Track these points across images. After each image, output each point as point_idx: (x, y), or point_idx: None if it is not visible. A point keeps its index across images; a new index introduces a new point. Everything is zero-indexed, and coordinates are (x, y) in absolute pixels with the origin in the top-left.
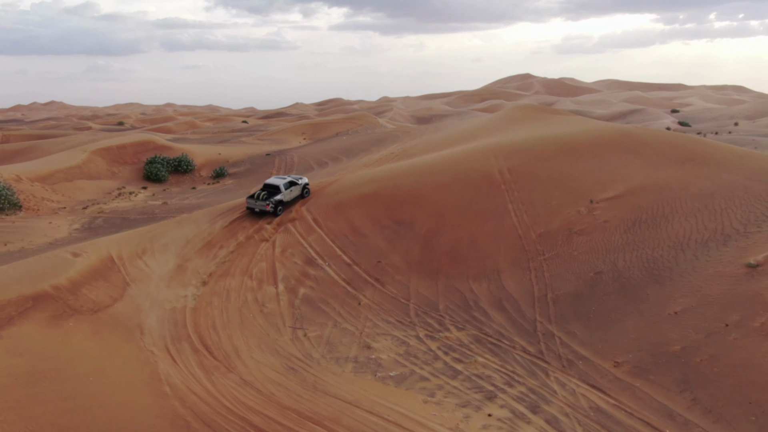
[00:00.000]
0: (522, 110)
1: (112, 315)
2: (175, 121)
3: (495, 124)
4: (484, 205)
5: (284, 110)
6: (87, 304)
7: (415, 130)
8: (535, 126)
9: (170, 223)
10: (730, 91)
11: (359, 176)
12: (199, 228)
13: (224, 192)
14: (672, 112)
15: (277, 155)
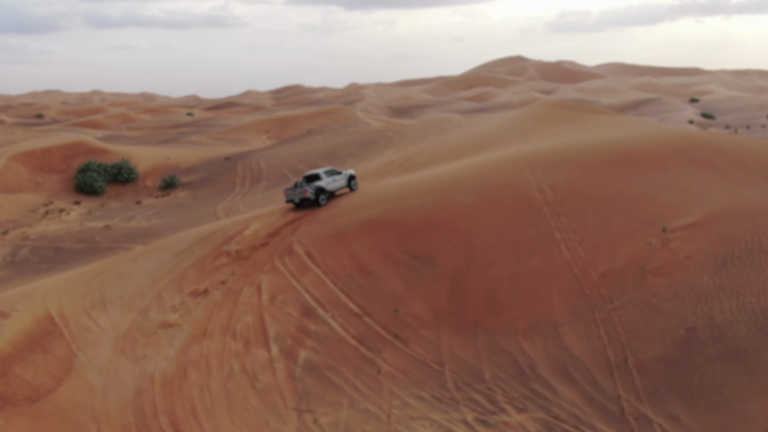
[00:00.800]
0: (554, 108)
1: (56, 404)
2: (105, 113)
3: (521, 126)
4: (525, 234)
5: (235, 99)
6: (22, 389)
7: (411, 129)
8: (573, 129)
9: (122, 259)
10: (753, 77)
11: (358, 193)
12: (161, 267)
13: (178, 208)
14: (691, 101)
15: (238, 160)
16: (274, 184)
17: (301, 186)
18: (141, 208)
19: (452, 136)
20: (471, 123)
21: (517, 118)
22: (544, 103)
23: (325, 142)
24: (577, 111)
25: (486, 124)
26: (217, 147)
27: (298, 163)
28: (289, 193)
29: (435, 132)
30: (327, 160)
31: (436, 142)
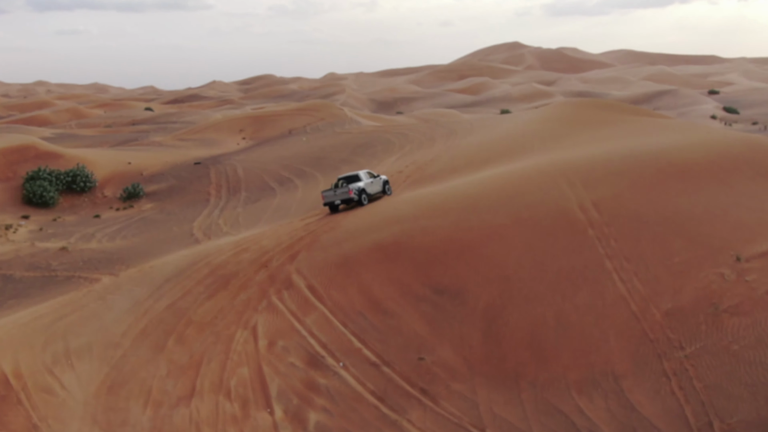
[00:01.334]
0: (585, 108)
1: None
2: (52, 107)
3: (549, 130)
4: (568, 263)
5: (198, 91)
6: None
7: (413, 130)
8: (611, 134)
9: (88, 296)
10: None
11: (365, 212)
12: (135, 307)
13: (145, 224)
14: (710, 93)
15: (210, 165)
16: (256, 196)
17: (343, 187)
18: (101, 224)
19: (467, 141)
20: (486, 124)
21: (542, 120)
22: (572, 102)
23: (311, 144)
24: (613, 111)
25: (505, 126)
26: (184, 149)
27: (282, 169)
28: (329, 195)
29: (443, 135)
30: (316, 167)
31: (448, 148)
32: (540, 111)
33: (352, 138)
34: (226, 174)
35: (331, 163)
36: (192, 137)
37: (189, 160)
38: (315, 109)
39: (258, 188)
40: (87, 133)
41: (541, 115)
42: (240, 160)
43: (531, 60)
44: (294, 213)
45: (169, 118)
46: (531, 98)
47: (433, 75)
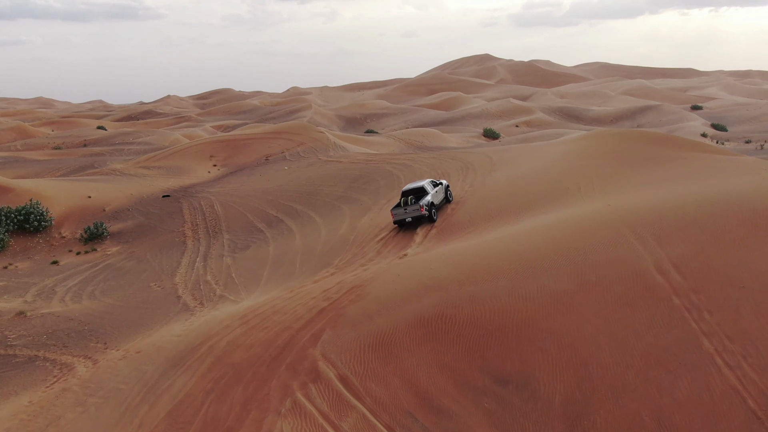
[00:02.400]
0: (631, 141)
1: None
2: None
3: (593, 167)
4: (656, 342)
5: (153, 107)
6: None
7: (416, 161)
8: (673, 174)
9: (61, 400)
10: (756, 79)
11: (395, 274)
12: (126, 415)
13: (114, 275)
14: (693, 108)
15: (182, 198)
16: (243, 240)
17: (412, 203)
18: (61, 273)
19: (493, 179)
20: (507, 157)
21: (581, 155)
22: (612, 134)
23: (295, 174)
24: (664, 146)
25: (534, 160)
26: (149, 178)
27: (267, 206)
28: (400, 213)
29: (458, 169)
30: (308, 204)
31: (472, 186)
32: (575, 143)
33: (343, 168)
34: (201, 210)
35: (325, 199)
36: (157, 164)
37: (156, 192)
38: (292, 132)
39: (243, 229)
40: (35, 156)
41: (578, 148)
42: (215, 192)
43: (503, 73)
44: (300, 270)
45: (125, 139)
46: (509, 114)
47: (401, 89)
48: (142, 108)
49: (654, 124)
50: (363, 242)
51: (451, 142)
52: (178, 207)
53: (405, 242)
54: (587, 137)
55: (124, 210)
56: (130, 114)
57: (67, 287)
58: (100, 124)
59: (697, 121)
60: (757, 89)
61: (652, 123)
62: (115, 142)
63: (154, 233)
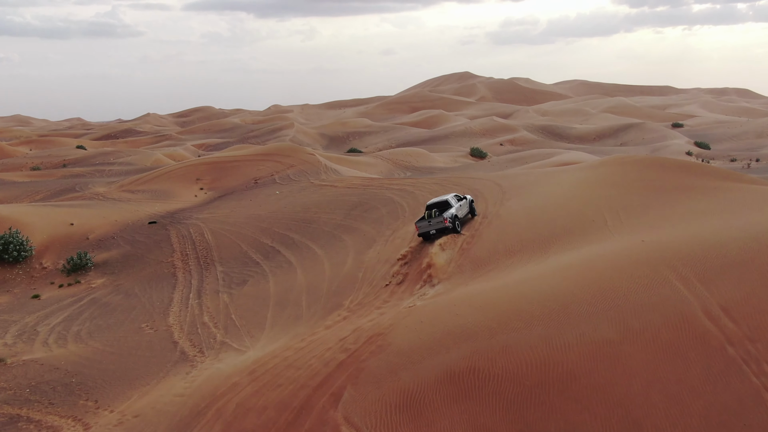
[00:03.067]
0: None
1: None
2: None
3: (615, 197)
4: (716, 399)
5: (132, 125)
6: None
7: (417, 186)
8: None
9: None
10: (733, 96)
11: (418, 321)
12: None
13: (101, 313)
14: (674, 126)
15: (169, 225)
16: (238, 273)
17: (436, 216)
18: (43, 309)
19: (508, 209)
20: (517, 184)
21: (602, 183)
22: (636, 161)
23: (288, 200)
24: (691, 174)
25: (550, 189)
26: (134, 203)
27: (261, 235)
28: (424, 225)
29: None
30: (306, 233)
31: (486, 218)
32: (591, 171)
33: (339, 194)
34: (191, 238)
35: (324, 228)
36: (141, 188)
37: (142, 218)
38: (282, 154)
39: (237, 261)
40: (13, 177)
41: (596, 176)
42: (204, 219)
43: (483, 91)
44: (308, 312)
45: (105, 159)
46: (493, 133)
47: (383, 107)
48: (122, 126)
49: (637, 142)
50: (374, 280)
51: (438, 161)
52: (165, 235)
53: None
54: (605, 164)
55: (108, 238)
56: (110, 132)
57: (51, 326)
58: (79, 143)
59: (681, 139)
60: (735, 107)
61: (635, 141)
62: (95, 163)
63: (141, 264)
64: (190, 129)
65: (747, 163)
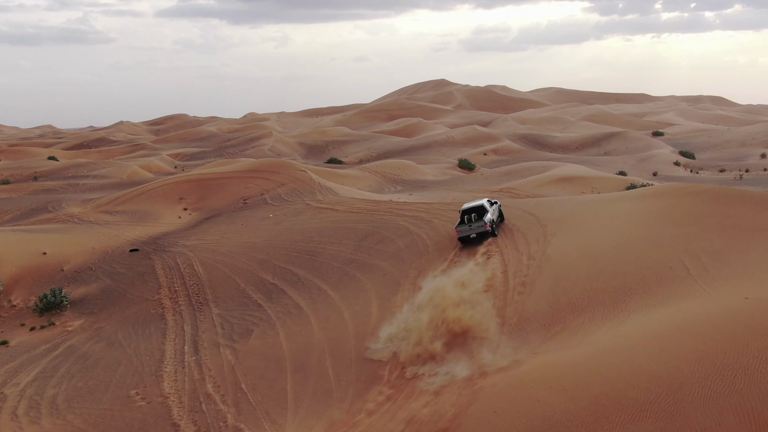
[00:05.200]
0: (716, 202)
1: None
2: None
3: (686, 236)
4: None
5: (106, 133)
6: None
7: (433, 212)
8: None
9: None
10: (708, 104)
11: (491, 411)
12: None
13: (78, 362)
14: (654, 134)
15: (153, 253)
16: (238, 317)
17: (476, 221)
18: (12, 360)
19: (555, 248)
20: (556, 215)
21: (665, 217)
22: (701, 191)
23: (284, 225)
24: (761, 208)
25: (598, 220)
26: (113, 226)
27: (259, 268)
28: (465, 230)
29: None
30: (312, 268)
31: (532, 259)
32: (648, 201)
33: (342, 220)
34: (178, 270)
35: (332, 263)
36: (120, 209)
37: (122, 245)
38: (270, 170)
39: (234, 301)
40: None
41: (656, 208)
42: (192, 247)
43: (460, 98)
44: (338, 384)
45: (79, 171)
46: (475, 142)
47: (360, 115)
48: (95, 135)
49: (621, 151)
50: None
51: (427, 174)
52: (149, 265)
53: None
54: (663, 193)
55: (85, 269)
56: (82, 141)
57: (21, 388)
58: (51, 154)
59: (665, 149)
60: (711, 114)
61: (618, 150)
62: (68, 175)
63: (123, 302)
64: (164, 138)
65: (739, 174)
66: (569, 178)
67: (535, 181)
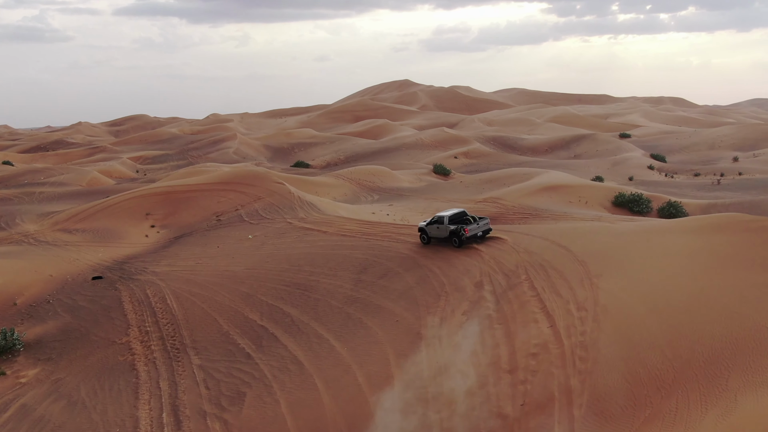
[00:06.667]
0: None
1: None
2: None
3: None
4: None
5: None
6: None
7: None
8: None
9: None
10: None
11: None
12: None
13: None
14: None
15: (118, 281)
16: (222, 370)
17: (477, 220)
18: None
19: (612, 296)
20: (597, 250)
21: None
22: (748, 224)
23: (266, 249)
24: None
25: (650, 259)
26: (73, 247)
27: (243, 304)
28: (474, 228)
29: (523, 264)
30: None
31: (583, 310)
32: (711, 237)
33: (334, 244)
34: (149, 305)
35: (331, 301)
36: (80, 226)
37: (84, 271)
38: (244, 182)
39: (218, 348)
40: None
41: (725, 248)
42: (163, 274)
43: (425, 99)
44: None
45: (35, 177)
46: (445, 145)
47: (325, 116)
48: (52, 136)
49: (591, 154)
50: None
51: (403, 181)
52: (115, 298)
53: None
54: (723, 227)
55: (42, 302)
56: (39, 144)
57: None
58: (6, 158)
59: (637, 152)
60: (674, 116)
61: (589, 153)
62: (23, 182)
63: (86, 344)
64: (125, 140)
65: (717, 179)
66: (555, 187)
67: (520, 191)
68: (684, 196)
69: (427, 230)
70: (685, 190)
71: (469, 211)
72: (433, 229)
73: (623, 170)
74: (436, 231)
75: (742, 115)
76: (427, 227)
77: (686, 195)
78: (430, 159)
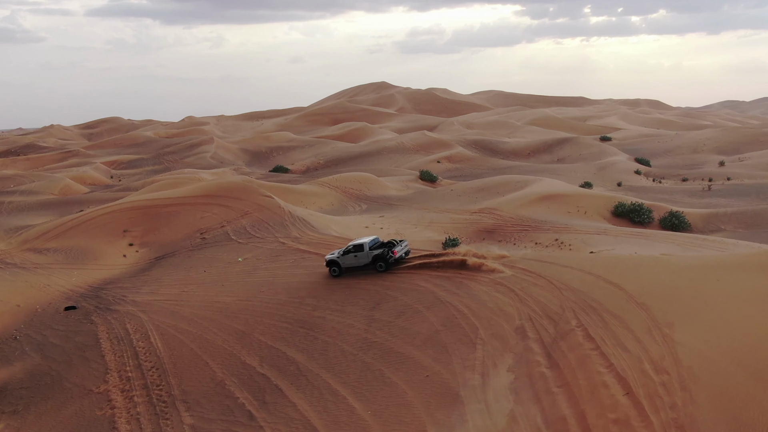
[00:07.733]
0: None
1: None
2: None
3: None
4: None
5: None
6: None
7: (465, 273)
8: None
9: None
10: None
11: None
12: None
13: None
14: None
15: (94, 314)
16: (217, 420)
17: (400, 242)
18: None
19: (693, 351)
20: (660, 287)
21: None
22: None
23: (260, 274)
24: None
25: (732, 303)
26: (43, 270)
27: (238, 345)
28: (400, 249)
29: (570, 306)
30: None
31: (666, 374)
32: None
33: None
34: (130, 343)
35: (342, 346)
36: (52, 245)
37: (55, 299)
38: (230, 195)
39: (212, 402)
40: None
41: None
42: (144, 304)
43: (402, 101)
44: None
45: (5, 185)
46: (427, 149)
47: (302, 119)
48: (24, 140)
49: (575, 158)
50: None
51: (390, 188)
52: (91, 333)
53: None
54: (761, 258)
55: (8, 339)
56: (10, 148)
57: None
58: None
59: (621, 156)
60: (652, 118)
61: (572, 157)
62: None
63: (58, 394)
64: (98, 143)
65: (707, 185)
66: (552, 197)
67: (516, 201)
68: (676, 203)
69: (340, 261)
70: (677, 197)
71: (464, 223)
72: (349, 259)
73: (610, 175)
74: (353, 260)
75: (717, 117)
76: (340, 258)
77: (678, 202)
78: (413, 163)
